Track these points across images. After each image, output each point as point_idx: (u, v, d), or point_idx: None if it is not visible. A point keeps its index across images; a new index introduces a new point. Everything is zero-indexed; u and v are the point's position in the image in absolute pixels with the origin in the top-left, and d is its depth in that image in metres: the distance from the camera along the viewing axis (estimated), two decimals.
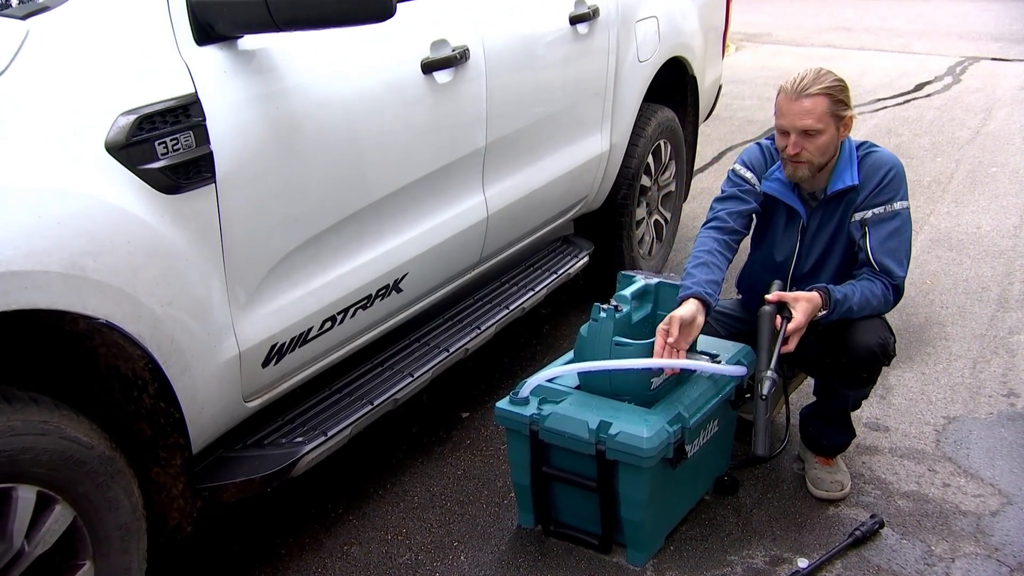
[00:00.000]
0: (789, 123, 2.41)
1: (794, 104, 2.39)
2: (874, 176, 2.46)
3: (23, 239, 1.47)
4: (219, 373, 1.92)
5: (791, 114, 2.40)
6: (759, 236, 2.71)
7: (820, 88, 2.39)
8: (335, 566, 2.34)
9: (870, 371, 2.43)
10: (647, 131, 3.59)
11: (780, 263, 2.62)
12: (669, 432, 2.23)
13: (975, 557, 2.35)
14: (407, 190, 2.38)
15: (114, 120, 1.63)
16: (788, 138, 2.42)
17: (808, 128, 2.39)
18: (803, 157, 2.42)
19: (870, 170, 2.47)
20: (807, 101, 2.38)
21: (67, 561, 1.67)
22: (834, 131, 2.42)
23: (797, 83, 2.40)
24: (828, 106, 2.39)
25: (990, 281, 4.02)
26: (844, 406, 2.55)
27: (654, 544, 2.37)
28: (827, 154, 2.44)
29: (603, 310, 2.36)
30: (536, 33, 2.88)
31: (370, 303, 2.33)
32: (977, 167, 5.65)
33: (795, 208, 2.55)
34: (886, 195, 2.45)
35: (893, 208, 2.45)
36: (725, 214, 2.58)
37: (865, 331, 2.39)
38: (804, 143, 2.40)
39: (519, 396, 2.37)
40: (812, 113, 2.38)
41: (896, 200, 2.45)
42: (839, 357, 2.42)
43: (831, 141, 2.43)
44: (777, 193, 2.56)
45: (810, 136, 2.40)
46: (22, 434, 1.53)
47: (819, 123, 2.39)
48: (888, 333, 2.45)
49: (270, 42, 1.94)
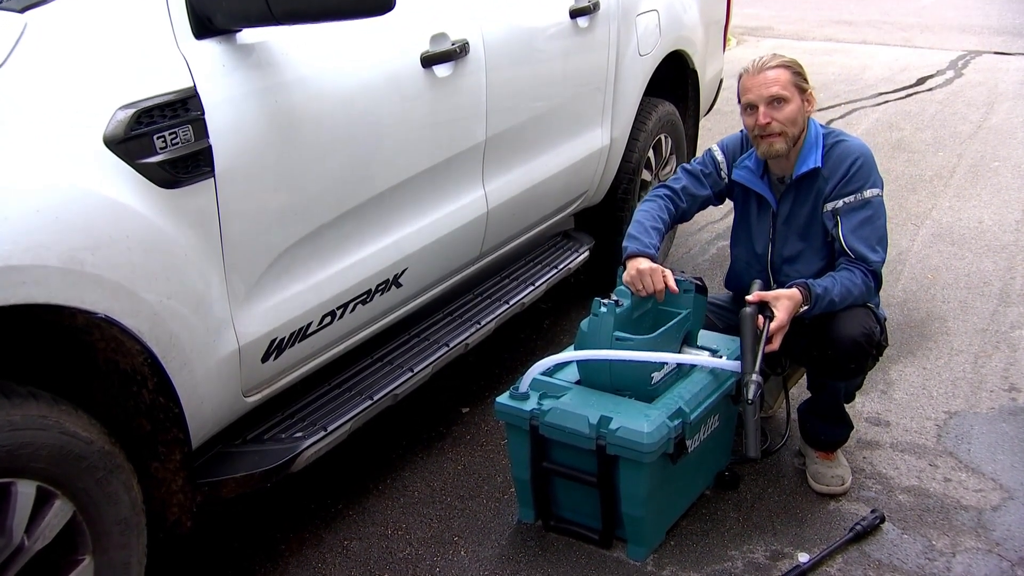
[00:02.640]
0: (756, 95, 2.48)
1: (757, 77, 2.48)
2: (841, 165, 2.50)
3: (21, 233, 1.47)
4: (218, 368, 1.91)
5: (756, 86, 2.48)
6: (737, 232, 2.76)
7: (780, 62, 2.50)
8: (335, 561, 2.34)
9: (857, 361, 2.43)
10: (648, 125, 3.58)
11: (759, 254, 2.66)
12: (670, 427, 2.23)
13: (976, 552, 2.35)
14: (407, 184, 2.37)
15: (112, 114, 1.63)
16: (757, 112, 2.48)
17: (775, 95, 2.45)
18: (775, 128, 2.47)
19: (837, 159, 2.51)
20: (770, 72, 2.47)
21: (67, 556, 1.67)
22: (799, 102, 2.49)
23: (757, 61, 2.52)
24: (790, 76, 2.48)
25: (992, 276, 4.02)
26: (836, 399, 2.55)
27: (655, 539, 2.37)
28: (797, 125, 2.49)
29: (603, 305, 2.36)
30: (536, 27, 2.87)
31: (370, 298, 2.33)
32: (979, 161, 5.64)
33: (764, 196, 2.60)
34: (855, 183, 2.48)
35: (864, 196, 2.48)
36: (680, 190, 2.69)
37: (849, 322, 2.40)
38: (773, 113, 2.46)
39: (519, 391, 2.36)
40: (777, 81, 2.46)
41: (866, 188, 2.48)
42: (825, 350, 2.43)
43: (798, 111, 2.48)
44: (745, 181, 2.62)
45: (777, 106, 2.46)
46: (21, 429, 1.53)
47: (784, 90, 2.46)
48: (873, 323, 2.45)
49: (269, 36, 1.94)
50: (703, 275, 3.95)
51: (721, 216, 4.63)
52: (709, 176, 2.70)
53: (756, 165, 2.60)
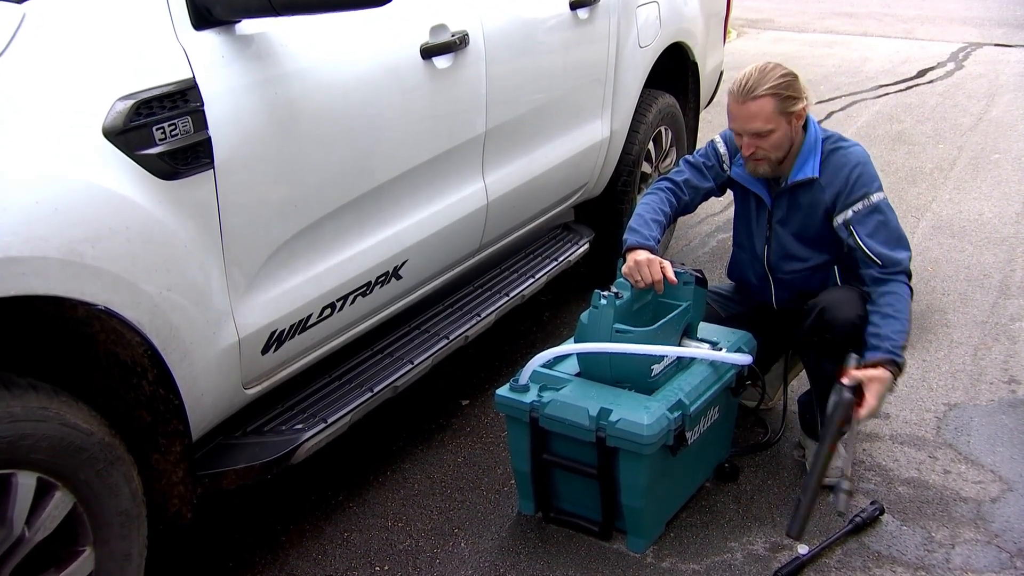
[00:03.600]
0: (739, 126, 2.45)
1: (741, 108, 2.42)
2: (839, 174, 2.47)
3: (21, 225, 1.47)
4: (218, 360, 1.91)
5: (740, 117, 2.44)
6: (737, 226, 2.76)
7: (766, 89, 2.39)
8: (335, 553, 2.35)
9: (855, 344, 2.42)
10: (648, 117, 3.57)
11: (757, 252, 2.67)
12: (670, 419, 2.23)
13: (975, 543, 2.35)
14: (406, 176, 2.37)
15: (111, 105, 1.62)
16: (742, 139, 2.47)
17: (757, 131, 2.42)
18: (759, 155, 2.47)
19: (835, 168, 2.48)
20: (753, 105, 2.40)
21: (67, 547, 1.67)
22: (786, 126, 2.44)
23: (743, 84, 2.41)
24: (775, 106, 2.40)
25: (992, 268, 4.01)
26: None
27: (655, 531, 2.38)
28: (782, 148, 2.47)
29: (603, 297, 2.36)
30: (536, 18, 2.86)
31: (370, 290, 2.33)
32: (979, 154, 5.63)
33: (760, 195, 2.60)
34: (859, 191, 2.45)
35: (871, 201, 2.45)
36: (683, 182, 2.68)
37: (843, 306, 2.40)
38: (757, 142, 2.44)
39: (519, 383, 2.36)
40: (759, 116, 2.40)
41: (871, 193, 2.45)
42: (823, 333, 2.43)
43: (784, 136, 2.45)
44: (742, 179, 2.62)
45: (762, 136, 2.43)
46: (21, 420, 1.53)
47: (768, 124, 2.41)
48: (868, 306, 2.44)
49: (268, 27, 1.93)
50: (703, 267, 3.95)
51: (721, 208, 4.63)
52: (711, 168, 2.69)
53: None
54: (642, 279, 2.43)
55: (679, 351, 2.41)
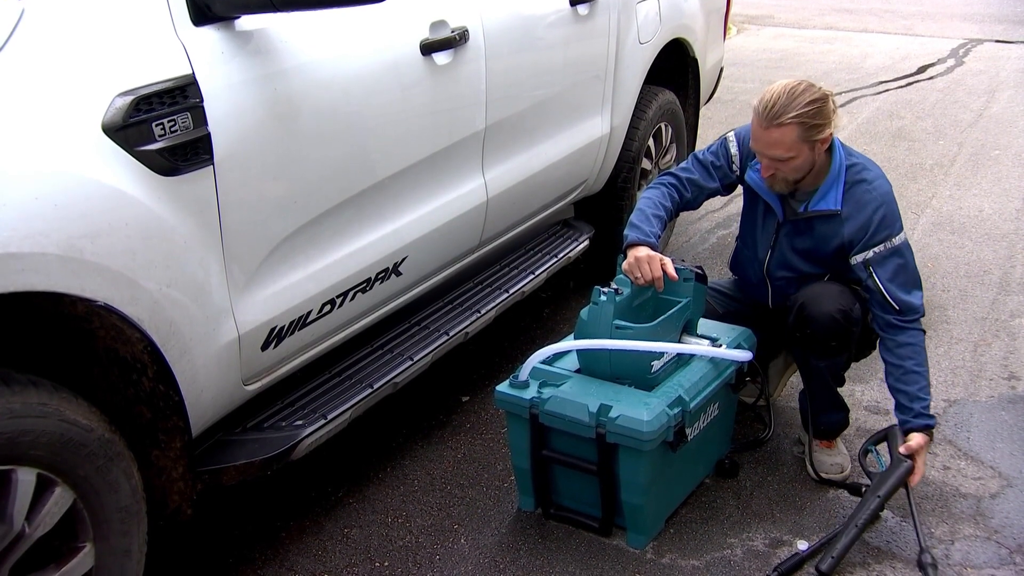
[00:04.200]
0: (760, 149, 2.40)
1: (764, 132, 2.35)
2: (862, 212, 2.42)
3: (20, 221, 1.46)
4: (218, 356, 1.91)
5: (761, 141, 2.37)
6: (744, 226, 2.74)
7: (791, 117, 2.29)
8: (335, 549, 2.35)
9: (838, 339, 2.42)
10: (648, 114, 3.57)
11: (759, 257, 2.65)
12: (669, 415, 2.23)
13: (974, 539, 2.35)
14: (406, 173, 2.36)
15: (111, 101, 1.62)
16: (762, 158, 2.42)
17: (778, 157, 2.37)
18: (778, 176, 2.43)
19: (857, 204, 2.43)
20: (776, 132, 2.32)
21: (67, 543, 1.67)
22: (808, 153, 2.37)
23: (769, 108, 2.32)
24: (800, 134, 2.32)
25: (992, 264, 4.01)
26: (825, 380, 2.54)
27: (655, 527, 2.38)
28: (802, 171, 2.41)
29: (603, 293, 2.36)
30: (536, 14, 2.86)
31: (369, 286, 2.33)
32: (980, 150, 5.63)
33: (772, 205, 2.56)
34: (883, 233, 2.41)
35: (893, 244, 2.41)
36: (687, 180, 2.64)
37: (823, 300, 2.40)
38: (777, 166, 2.40)
39: (519, 379, 2.36)
40: (782, 144, 2.33)
41: (894, 236, 2.42)
42: (805, 328, 2.43)
43: (806, 162, 2.39)
44: (755, 186, 2.58)
45: (782, 161, 2.38)
46: (21, 416, 1.53)
47: (789, 152, 2.34)
48: (851, 300, 2.44)
49: (268, 23, 1.93)
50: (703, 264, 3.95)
51: (721, 205, 4.63)
52: (719, 168, 2.64)
53: None
54: (642, 276, 2.42)
55: (679, 348, 2.41)
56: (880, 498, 2.30)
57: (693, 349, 2.44)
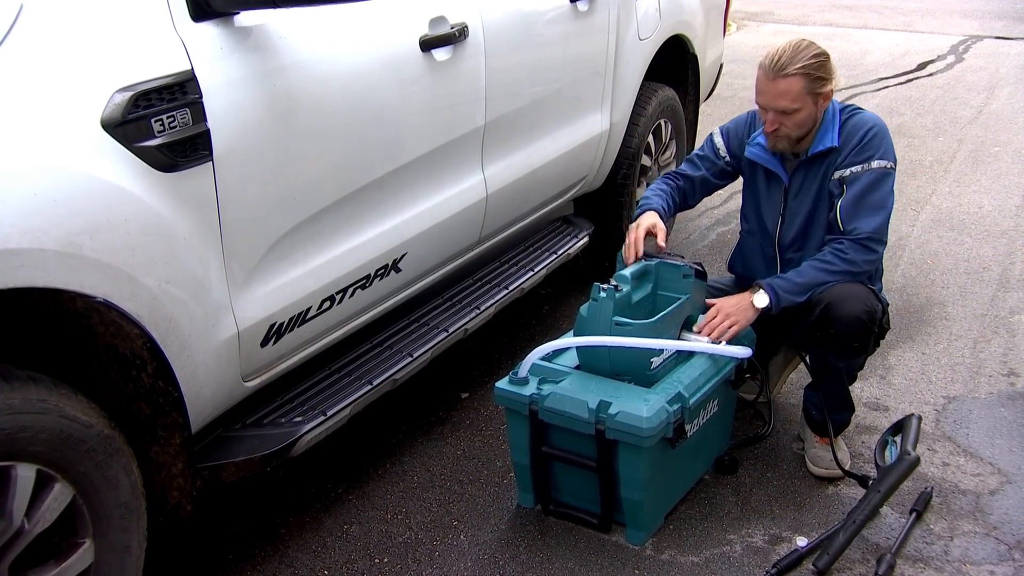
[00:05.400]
0: (766, 102, 2.45)
1: (770, 84, 2.42)
2: (854, 136, 2.49)
3: (19, 217, 1.46)
4: (218, 352, 1.91)
5: (768, 93, 2.43)
6: (746, 209, 2.76)
7: (797, 68, 2.38)
8: (335, 545, 2.35)
9: (860, 340, 2.43)
10: (648, 110, 3.57)
11: (769, 231, 2.66)
12: (669, 412, 2.23)
13: (974, 535, 2.36)
14: (406, 169, 2.36)
15: (110, 97, 1.62)
16: (767, 114, 2.47)
17: (784, 108, 2.42)
18: (781, 132, 2.47)
19: (851, 130, 2.50)
20: (783, 82, 2.40)
21: (67, 539, 1.68)
22: (812, 107, 2.45)
23: (775, 61, 2.40)
24: (805, 85, 2.40)
25: (991, 261, 4.01)
26: (840, 379, 2.55)
27: (654, 523, 2.38)
28: (805, 127, 2.48)
29: (603, 290, 2.36)
30: (536, 10, 2.85)
31: (369, 283, 2.33)
32: (979, 147, 5.63)
33: (776, 171, 2.60)
34: (865, 153, 2.47)
35: (871, 166, 2.46)
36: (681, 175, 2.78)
37: (850, 301, 2.40)
38: (782, 119, 2.45)
39: (518, 376, 2.36)
40: (788, 94, 2.40)
41: (875, 159, 2.46)
42: (828, 328, 2.43)
43: (809, 116, 2.46)
44: (759, 159, 2.62)
45: (787, 114, 2.43)
46: (21, 412, 1.53)
47: (795, 103, 2.41)
48: (875, 301, 2.45)
49: (267, 19, 1.93)
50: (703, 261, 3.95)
51: (721, 202, 4.63)
52: (705, 159, 2.75)
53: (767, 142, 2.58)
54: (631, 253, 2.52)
55: (678, 345, 2.41)
56: (881, 494, 2.30)
57: (692, 346, 2.44)
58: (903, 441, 2.39)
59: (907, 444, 2.36)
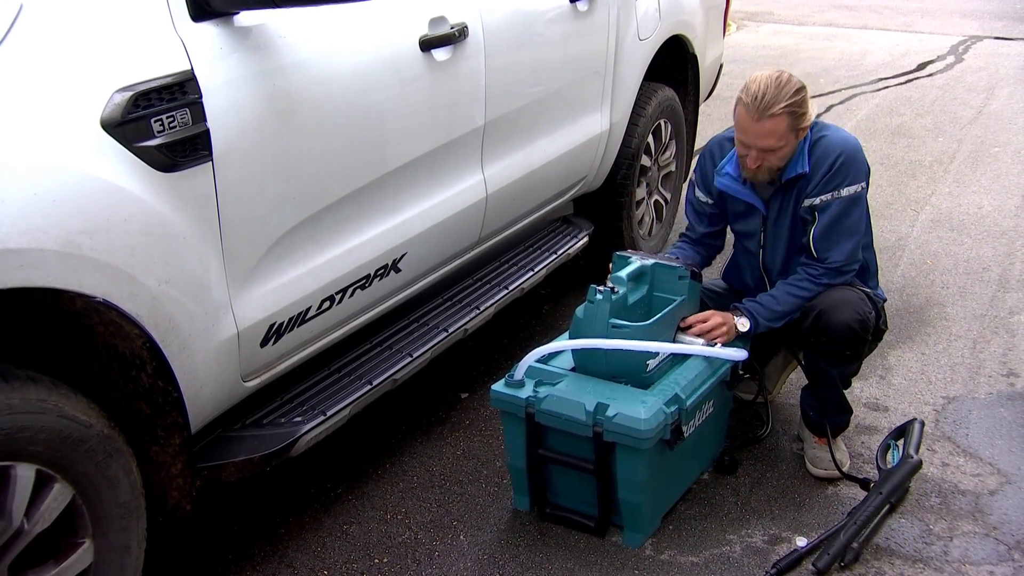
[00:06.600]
0: (750, 141, 2.41)
1: (756, 125, 2.37)
2: (823, 163, 2.46)
3: (19, 217, 1.46)
4: (217, 352, 1.91)
5: (752, 133, 2.39)
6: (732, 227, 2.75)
7: (781, 107, 2.34)
8: (334, 545, 2.35)
9: (852, 348, 2.43)
10: (647, 110, 3.57)
11: (752, 253, 2.67)
12: (667, 413, 2.23)
13: (973, 535, 2.36)
14: (406, 169, 2.36)
15: (109, 97, 1.62)
16: (749, 151, 2.43)
17: (770, 147, 2.39)
18: (763, 167, 2.45)
19: (820, 156, 2.46)
20: (768, 123, 2.35)
21: (67, 539, 1.68)
22: (794, 142, 2.43)
23: (758, 100, 2.35)
24: (789, 123, 2.37)
25: (991, 261, 4.01)
26: (833, 384, 2.55)
27: (651, 526, 2.38)
28: (786, 160, 2.46)
29: (599, 292, 2.35)
30: (535, 10, 2.85)
31: (369, 283, 2.33)
32: (979, 147, 5.63)
33: (751, 203, 2.58)
34: (835, 181, 2.45)
35: (841, 194, 2.45)
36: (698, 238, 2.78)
37: (842, 309, 2.40)
38: (765, 156, 2.42)
39: (514, 379, 2.36)
40: (774, 134, 2.37)
41: (844, 186, 2.45)
42: (820, 336, 2.43)
43: (790, 151, 2.44)
44: (729, 190, 2.59)
45: (772, 151, 2.40)
46: (20, 412, 1.53)
47: (780, 141, 2.39)
48: (867, 308, 2.45)
49: (267, 18, 1.93)
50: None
51: None
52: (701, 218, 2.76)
53: (736, 171, 2.56)
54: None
55: (675, 348, 2.40)
56: (882, 495, 2.30)
57: (689, 349, 2.43)
58: (906, 445, 2.40)
59: (910, 447, 2.37)
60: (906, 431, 2.47)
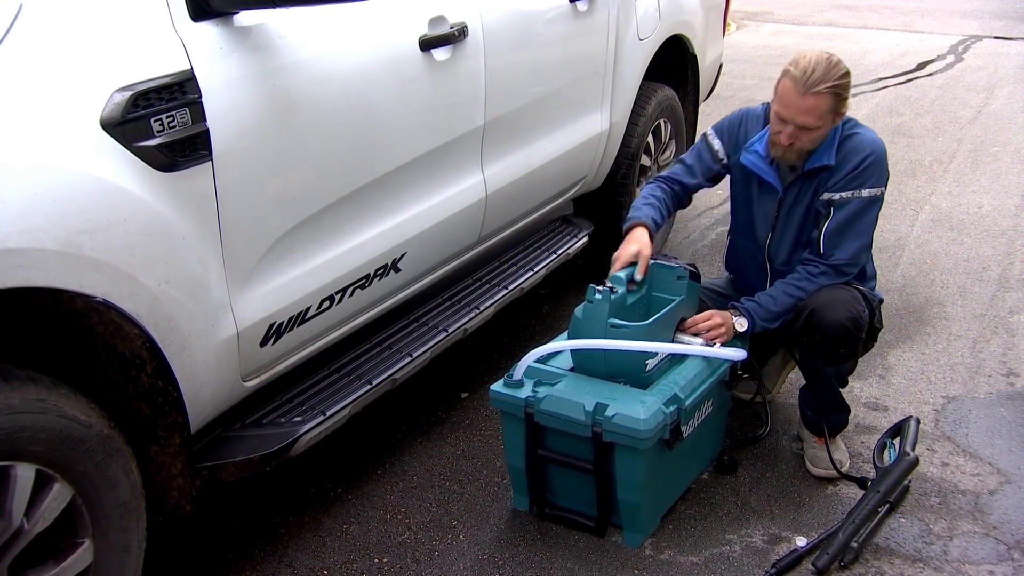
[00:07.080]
0: (790, 115, 2.39)
1: (799, 99, 2.35)
2: (851, 160, 2.46)
3: (19, 216, 1.46)
4: (217, 352, 1.91)
5: (793, 107, 2.37)
6: (737, 217, 2.74)
7: (828, 87, 2.33)
8: (334, 545, 2.35)
9: (846, 346, 2.43)
10: (647, 110, 3.57)
11: (759, 242, 2.65)
12: (666, 413, 2.23)
13: (973, 535, 2.36)
14: (405, 169, 2.36)
15: (109, 96, 1.62)
16: (785, 126, 2.41)
17: (807, 125, 2.38)
18: (795, 146, 2.44)
19: (849, 153, 2.47)
20: (812, 99, 2.34)
21: (66, 539, 1.68)
22: (830, 125, 2.43)
23: (807, 75, 2.33)
24: (831, 104, 2.36)
25: (991, 261, 4.02)
26: (829, 383, 2.55)
27: (650, 525, 2.38)
28: (819, 143, 2.45)
29: (598, 291, 2.35)
30: (535, 10, 2.85)
31: (368, 283, 2.33)
32: (979, 147, 5.63)
33: (771, 183, 2.57)
34: (859, 180, 2.45)
35: (861, 194, 2.45)
36: (674, 179, 2.72)
37: (835, 307, 2.40)
38: (800, 135, 2.40)
39: (513, 379, 2.36)
40: (815, 111, 2.36)
41: (866, 187, 2.45)
42: (813, 335, 2.43)
43: (825, 134, 2.44)
44: (754, 167, 2.58)
45: (807, 130, 2.39)
46: (20, 412, 1.53)
47: (819, 121, 2.38)
48: (861, 307, 2.44)
49: (266, 18, 1.93)
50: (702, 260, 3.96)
51: (720, 202, 4.62)
52: (703, 162, 2.70)
53: (766, 150, 2.55)
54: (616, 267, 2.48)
55: (673, 348, 2.40)
56: (880, 494, 2.30)
57: (687, 349, 2.43)
58: (902, 442, 2.40)
59: (906, 445, 2.37)
60: (902, 429, 2.47)
